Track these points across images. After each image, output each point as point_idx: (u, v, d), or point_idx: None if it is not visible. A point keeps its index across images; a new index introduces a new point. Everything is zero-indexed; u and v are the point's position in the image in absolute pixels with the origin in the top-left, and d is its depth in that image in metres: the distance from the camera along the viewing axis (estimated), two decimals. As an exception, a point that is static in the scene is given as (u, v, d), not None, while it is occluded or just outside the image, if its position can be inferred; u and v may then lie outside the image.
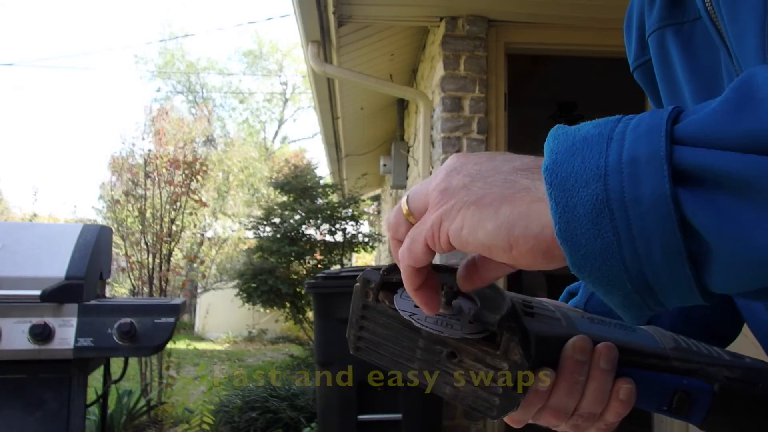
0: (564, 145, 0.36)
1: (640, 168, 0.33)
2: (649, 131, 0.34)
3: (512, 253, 0.37)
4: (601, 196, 0.33)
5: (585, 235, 0.34)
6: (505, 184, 0.39)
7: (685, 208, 0.32)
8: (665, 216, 0.32)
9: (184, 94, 22.89)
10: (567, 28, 3.55)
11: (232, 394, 4.48)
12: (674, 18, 0.59)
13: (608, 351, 0.48)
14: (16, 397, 1.80)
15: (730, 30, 0.50)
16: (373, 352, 0.49)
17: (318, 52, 3.95)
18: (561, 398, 0.47)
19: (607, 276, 0.34)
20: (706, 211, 0.31)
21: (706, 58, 0.56)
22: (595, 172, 0.34)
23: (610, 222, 0.33)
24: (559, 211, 0.35)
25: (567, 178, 0.35)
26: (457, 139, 3.40)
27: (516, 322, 0.45)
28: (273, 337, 10.63)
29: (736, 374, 0.51)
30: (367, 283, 0.49)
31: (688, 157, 0.32)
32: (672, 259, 0.32)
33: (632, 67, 0.69)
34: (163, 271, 4.94)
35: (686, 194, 0.32)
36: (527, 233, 0.37)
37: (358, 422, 2.70)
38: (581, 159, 0.35)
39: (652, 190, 0.32)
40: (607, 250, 0.34)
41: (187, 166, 5.31)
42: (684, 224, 0.32)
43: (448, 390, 0.46)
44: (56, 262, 1.87)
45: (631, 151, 0.33)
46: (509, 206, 0.38)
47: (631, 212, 0.33)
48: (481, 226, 0.38)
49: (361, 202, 7.65)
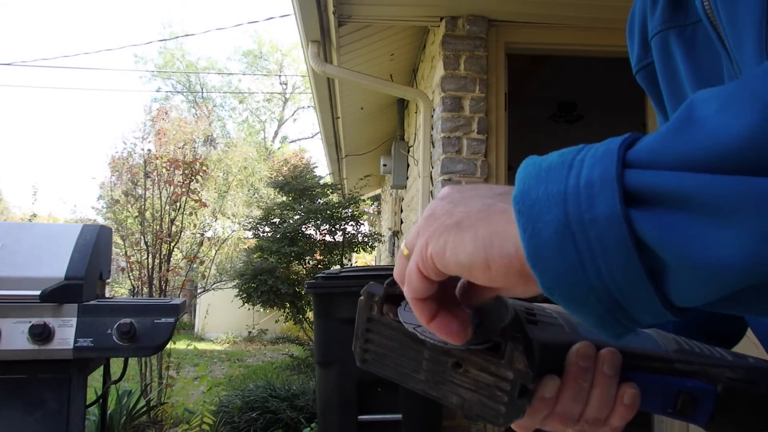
0: (531, 174, 0.38)
1: (595, 190, 0.34)
2: (603, 156, 0.35)
3: (490, 273, 0.39)
4: (562, 220, 0.35)
5: (552, 258, 0.35)
6: (483, 207, 0.41)
7: (637, 227, 0.33)
8: (620, 235, 0.33)
9: (184, 94, 22.91)
10: (567, 28, 3.54)
11: (232, 394, 4.48)
12: (677, 20, 0.59)
13: (611, 356, 0.48)
14: (16, 397, 1.80)
15: (729, 33, 0.50)
16: (380, 364, 0.50)
17: (318, 51, 3.95)
18: (566, 405, 0.48)
19: (577, 297, 0.36)
20: (655, 227, 0.33)
21: (708, 60, 0.57)
22: (556, 197, 0.35)
23: (573, 244, 0.34)
24: (526, 236, 0.36)
25: (533, 206, 0.36)
26: (457, 139, 3.40)
27: (519, 331, 0.46)
28: (273, 337, 10.63)
29: (739, 375, 0.51)
30: (371, 296, 0.49)
31: (636, 178, 0.34)
32: (632, 277, 0.34)
33: (635, 70, 0.69)
34: (162, 272, 4.94)
35: (637, 213, 0.33)
36: (502, 252, 0.38)
37: (358, 422, 2.70)
38: (545, 186, 0.36)
39: (606, 210, 0.33)
40: (573, 271, 0.35)
41: (187, 166, 5.30)
42: (638, 242, 0.33)
43: (455, 400, 0.47)
44: (56, 262, 1.87)
45: (587, 175, 0.35)
46: (487, 227, 0.39)
47: (590, 233, 0.34)
48: (462, 248, 0.39)
49: (361, 202, 7.65)
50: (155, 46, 23.65)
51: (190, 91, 22.87)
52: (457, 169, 3.37)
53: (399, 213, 6.25)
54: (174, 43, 22.76)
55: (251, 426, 4.00)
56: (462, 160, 3.38)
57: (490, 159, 3.42)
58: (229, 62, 30.71)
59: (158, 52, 23.75)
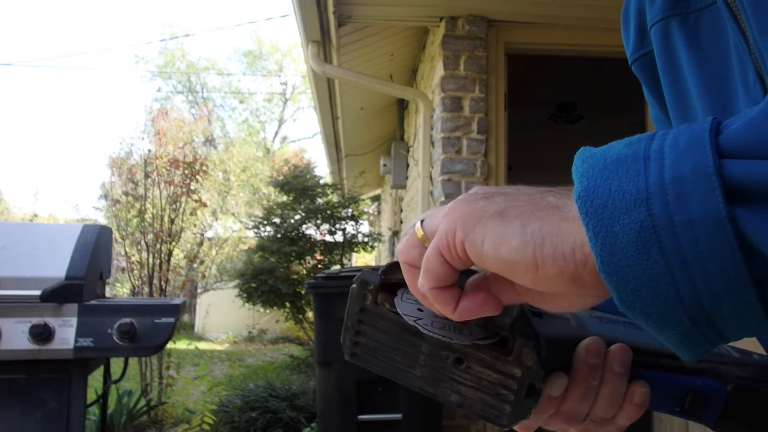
0: (595, 169, 0.33)
1: (687, 187, 0.30)
2: (691, 146, 0.31)
3: (537, 274, 0.34)
4: (646, 223, 0.30)
5: (632, 267, 0.31)
6: (530, 200, 0.36)
7: (744, 229, 0.28)
8: (722, 239, 0.29)
9: (184, 94, 22.90)
10: (567, 28, 3.55)
11: (232, 394, 4.48)
12: (679, 8, 0.57)
13: (622, 353, 0.46)
14: (16, 397, 1.80)
15: (753, 19, 0.47)
16: (371, 358, 0.46)
17: (318, 52, 3.95)
18: (573, 404, 0.45)
19: (661, 311, 0.31)
20: (766, 228, 0.28)
21: (713, 49, 0.54)
22: (635, 195, 0.31)
23: (659, 250, 0.30)
24: (599, 242, 0.31)
25: (604, 205, 0.31)
26: (457, 139, 3.40)
27: (528, 326, 0.43)
28: (273, 337, 10.63)
29: (747, 372, 0.49)
30: (364, 284, 0.46)
31: (739, 170, 0.29)
32: (734, 287, 0.29)
33: (631, 60, 0.66)
34: (163, 271, 4.94)
35: (744, 213, 0.29)
36: (556, 253, 0.33)
37: (358, 422, 2.70)
38: (617, 182, 0.32)
39: (704, 211, 0.29)
40: (659, 281, 0.30)
41: (187, 166, 5.31)
42: (744, 246, 0.29)
43: (454, 398, 0.44)
44: (56, 262, 1.87)
45: (674, 170, 0.30)
46: (538, 222, 0.35)
47: (682, 238, 0.29)
48: (505, 242, 0.35)
49: (361, 202, 7.66)
50: (155, 46, 23.68)
51: (190, 91, 22.87)
52: (456, 169, 3.37)
53: (399, 213, 6.26)
54: (174, 43, 22.78)
55: (251, 426, 4.00)
56: (462, 160, 3.38)
57: (490, 159, 3.42)
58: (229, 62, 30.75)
59: (158, 52, 23.81)
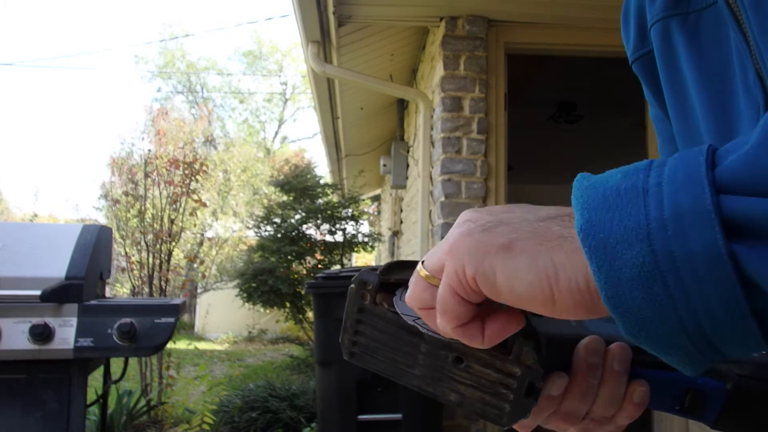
0: (595, 201, 0.33)
1: (686, 224, 0.30)
2: (689, 180, 0.31)
3: (554, 306, 0.35)
4: (648, 258, 0.31)
5: (635, 300, 0.31)
6: (537, 230, 0.36)
7: (744, 266, 0.29)
8: (722, 274, 0.29)
9: (184, 94, 22.90)
10: (567, 28, 3.55)
11: (232, 394, 4.48)
12: (680, 8, 0.57)
13: (622, 351, 0.46)
14: (16, 397, 1.80)
15: (754, 20, 0.47)
16: (370, 358, 0.47)
17: (318, 52, 3.95)
18: (573, 403, 0.45)
19: (665, 339, 0.32)
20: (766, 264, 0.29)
21: (713, 49, 0.54)
22: (636, 231, 0.31)
23: (662, 284, 0.30)
24: (603, 276, 0.32)
25: (606, 239, 0.32)
26: (457, 139, 3.40)
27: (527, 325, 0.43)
28: (273, 337, 10.63)
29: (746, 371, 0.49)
30: (363, 284, 0.46)
31: (737, 207, 0.29)
32: (735, 318, 0.30)
33: (631, 59, 0.66)
34: (163, 271, 4.94)
35: (743, 249, 0.29)
36: (572, 286, 0.34)
37: (358, 422, 2.70)
38: (618, 217, 0.32)
39: (704, 247, 0.29)
40: (662, 313, 0.31)
41: (187, 166, 5.31)
42: (743, 281, 0.29)
43: (453, 397, 0.44)
44: (56, 262, 1.87)
45: (673, 206, 0.30)
46: (548, 254, 0.35)
47: (684, 273, 0.30)
48: (519, 277, 0.35)
49: (361, 202, 7.66)
50: (155, 46, 23.68)
51: (190, 91, 22.87)
52: (456, 169, 3.37)
53: (399, 213, 6.26)
54: (174, 43, 22.78)
55: (251, 426, 4.00)
56: (462, 160, 3.38)
57: (490, 159, 3.42)
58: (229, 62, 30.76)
59: (158, 52, 23.80)
